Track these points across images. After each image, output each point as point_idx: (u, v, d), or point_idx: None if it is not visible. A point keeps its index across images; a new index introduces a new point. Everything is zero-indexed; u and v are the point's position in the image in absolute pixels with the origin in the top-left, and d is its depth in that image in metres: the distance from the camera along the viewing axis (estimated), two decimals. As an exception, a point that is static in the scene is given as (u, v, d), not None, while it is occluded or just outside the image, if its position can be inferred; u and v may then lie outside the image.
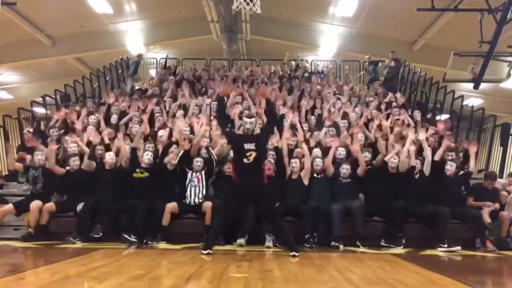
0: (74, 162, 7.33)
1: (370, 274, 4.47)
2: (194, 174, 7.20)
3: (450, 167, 7.11)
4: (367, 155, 7.63)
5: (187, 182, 7.18)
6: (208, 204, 6.91)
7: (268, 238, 6.57)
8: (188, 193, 7.13)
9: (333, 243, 6.56)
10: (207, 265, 4.71)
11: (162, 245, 6.57)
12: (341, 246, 6.51)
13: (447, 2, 13.20)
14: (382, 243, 6.75)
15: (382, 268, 4.86)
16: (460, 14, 11.45)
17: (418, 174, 7.23)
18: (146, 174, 7.25)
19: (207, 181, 7.29)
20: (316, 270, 4.66)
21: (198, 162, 7.23)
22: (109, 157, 7.36)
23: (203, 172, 7.23)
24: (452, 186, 7.26)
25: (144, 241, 6.61)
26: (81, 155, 7.51)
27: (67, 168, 7.41)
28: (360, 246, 6.57)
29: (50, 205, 7.01)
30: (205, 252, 5.50)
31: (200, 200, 7.07)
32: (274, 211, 5.78)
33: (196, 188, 7.14)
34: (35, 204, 6.88)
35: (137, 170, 7.26)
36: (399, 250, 6.51)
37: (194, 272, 4.29)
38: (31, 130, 9.30)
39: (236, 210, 5.92)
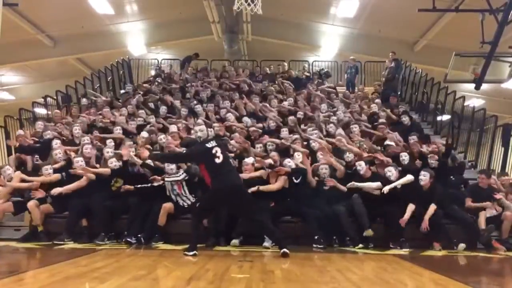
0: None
1: (371, 275, 4.47)
2: (172, 183, 7.08)
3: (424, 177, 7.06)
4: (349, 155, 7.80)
5: (168, 193, 7.08)
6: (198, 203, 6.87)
7: (267, 238, 6.58)
8: (175, 199, 7.05)
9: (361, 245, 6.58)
10: (208, 266, 4.70)
11: (163, 245, 6.57)
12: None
13: (448, 3, 13.17)
14: (391, 246, 6.70)
15: (383, 269, 4.85)
16: (461, 15, 11.40)
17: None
18: (119, 183, 7.23)
19: (190, 186, 7.16)
20: (317, 271, 4.66)
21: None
22: (112, 164, 7.39)
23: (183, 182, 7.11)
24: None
25: (138, 238, 6.62)
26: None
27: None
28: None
29: (47, 206, 7.04)
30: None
31: (193, 201, 7.01)
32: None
33: (181, 196, 7.08)
34: (32, 203, 6.88)
35: (113, 180, 7.26)
36: (402, 251, 6.49)
37: (195, 272, 4.28)
38: (22, 132, 9.28)
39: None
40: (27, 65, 19.66)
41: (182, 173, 7.05)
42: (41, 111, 11.93)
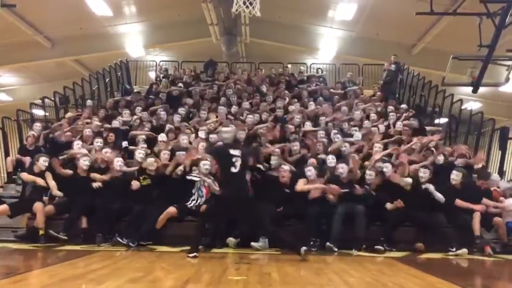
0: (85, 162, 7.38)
1: (369, 277, 4.46)
2: (203, 183, 7.12)
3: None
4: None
5: (194, 190, 7.14)
6: (205, 207, 6.88)
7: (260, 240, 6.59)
8: (193, 198, 7.10)
9: (328, 244, 6.47)
10: (206, 268, 4.70)
11: (160, 247, 6.55)
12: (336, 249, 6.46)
13: (446, 6, 13.24)
14: (381, 247, 6.70)
15: (381, 272, 4.85)
16: (459, 18, 11.45)
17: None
18: (148, 181, 7.27)
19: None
20: (314, 273, 4.65)
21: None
22: (118, 163, 7.42)
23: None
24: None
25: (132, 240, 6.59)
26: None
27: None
28: (354, 251, 6.48)
29: (49, 208, 6.98)
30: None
31: (200, 204, 7.05)
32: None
33: (201, 198, 7.10)
34: (39, 204, 6.81)
35: (141, 177, 7.29)
36: (398, 253, 6.48)
37: (192, 274, 4.28)
38: (35, 133, 9.24)
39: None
40: (24, 66, 19.67)
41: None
42: (38, 112, 11.90)
